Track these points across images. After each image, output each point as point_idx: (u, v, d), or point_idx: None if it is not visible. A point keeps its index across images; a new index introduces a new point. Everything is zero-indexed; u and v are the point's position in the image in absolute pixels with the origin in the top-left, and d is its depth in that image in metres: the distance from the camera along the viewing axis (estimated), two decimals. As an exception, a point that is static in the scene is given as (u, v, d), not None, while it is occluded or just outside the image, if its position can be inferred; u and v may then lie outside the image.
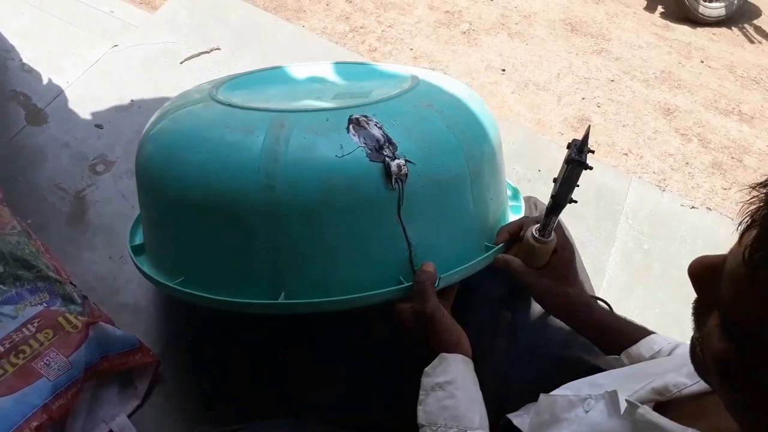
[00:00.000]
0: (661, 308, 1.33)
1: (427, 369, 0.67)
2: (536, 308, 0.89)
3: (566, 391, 0.65)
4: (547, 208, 0.72)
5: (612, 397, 0.57)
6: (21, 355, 0.78)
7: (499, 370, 0.82)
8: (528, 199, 1.01)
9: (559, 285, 0.75)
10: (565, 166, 0.68)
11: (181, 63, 1.50)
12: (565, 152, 0.70)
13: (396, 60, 1.75)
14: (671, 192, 1.60)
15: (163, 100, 1.39)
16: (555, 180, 0.70)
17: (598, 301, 0.91)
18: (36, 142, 1.28)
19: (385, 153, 0.68)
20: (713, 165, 1.74)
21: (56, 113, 1.34)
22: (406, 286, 0.70)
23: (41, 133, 1.30)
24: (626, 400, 0.53)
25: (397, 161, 0.68)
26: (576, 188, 0.70)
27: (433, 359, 0.68)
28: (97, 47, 1.48)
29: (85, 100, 1.37)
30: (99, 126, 1.33)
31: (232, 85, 0.91)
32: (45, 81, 1.39)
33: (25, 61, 1.41)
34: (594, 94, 1.82)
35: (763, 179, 0.38)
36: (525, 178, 1.47)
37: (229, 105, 0.77)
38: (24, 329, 0.81)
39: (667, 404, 0.57)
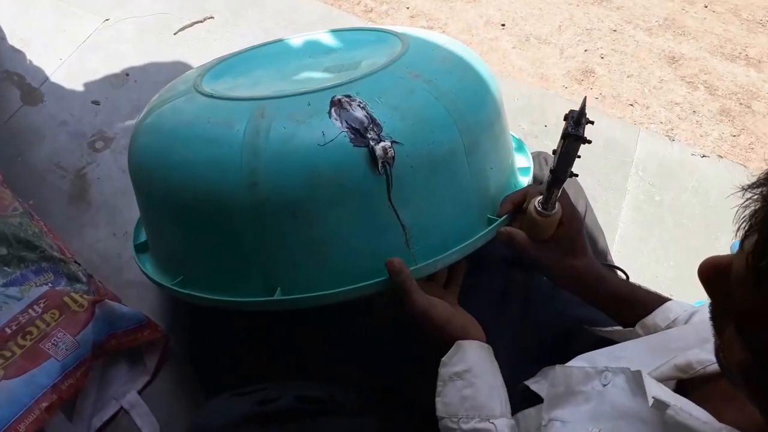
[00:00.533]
0: (675, 261, 1.32)
1: (443, 359, 0.64)
2: None
3: (582, 362, 0.63)
4: (547, 181, 0.68)
5: (636, 377, 0.54)
6: (28, 337, 0.78)
7: (514, 334, 0.81)
8: (537, 156, 0.98)
9: (566, 258, 0.72)
10: (562, 141, 0.65)
11: (174, 34, 1.47)
12: (569, 106, 0.67)
13: (393, 20, 1.71)
14: (680, 142, 1.57)
15: (159, 72, 1.38)
16: (554, 152, 0.67)
17: (613, 270, 0.88)
18: (33, 121, 1.27)
19: (370, 136, 0.65)
20: (721, 112, 1.70)
21: (52, 91, 1.32)
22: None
23: (38, 113, 1.28)
24: (654, 398, 0.50)
25: (382, 144, 0.64)
26: (577, 159, 0.66)
27: (447, 348, 0.66)
28: (88, 22, 1.45)
29: (80, 76, 1.35)
30: (96, 102, 1.31)
31: (219, 70, 0.89)
32: (38, 59, 1.37)
33: (15, 40, 1.39)
34: (597, 45, 1.77)
35: (755, 179, 0.35)
36: (531, 134, 1.44)
37: (212, 96, 0.75)
38: (30, 310, 0.81)
39: (691, 381, 0.54)
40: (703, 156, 1.54)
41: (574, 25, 1.84)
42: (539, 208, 0.70)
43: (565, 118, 0.64)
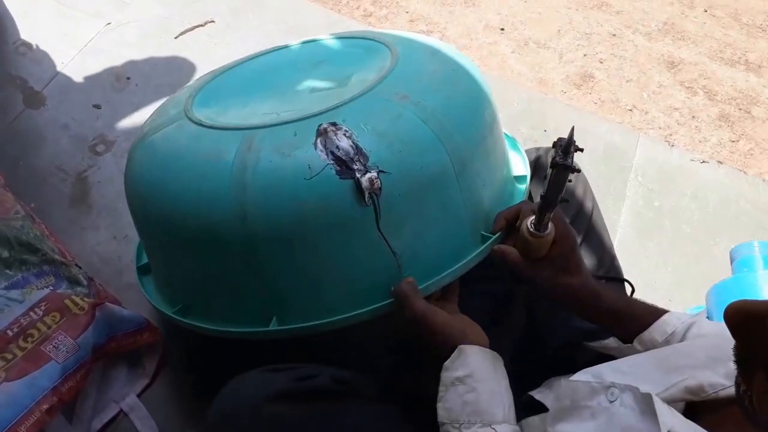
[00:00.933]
0: (674, 266, 1.32)
1: (446, 363, 0.64)
2: None
3: (587, 375, 0.62)
4: (539, 205, 0.68)
5: (646, 400, 0.53)
6: (29, 339, 0.79)
7: (517, 343, 0.81)
8: (548, 151, 0.97)
9: (560, 275, 0.71)
10: (551, 169, 0.64)
11: (175, 38, 1.48)
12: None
13: (392, 24, 1.72)
14: (679, 147, 1.58)
15: (160, 75, 1.39)
16: (545, 177, 0.66)
17: (614, 283, 0.88)
18: (35, 125, 1.28)
19: (356, 167, 0.65)
20: (720, 117, 1.70)
21: (54, 95, 1.33)
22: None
23: (40, 116, 1.29)
24: (669, 431, 0.49)
25: (368, 175, 0.65)
26: (576, 166, 0.65)
27: (447, 353, 0.65)
28: (90, 26, 1.46)
29: (82, 80, 1.36)
30: (97, 106, 1.32)
31: (209, 90, 0.89)
32: (40, 63, 1.38)
33: (19, 43, 1.40)
34: (596, 50, 1.78)
35: None
36: (531, 139, 1.45)
37: (200, 125, 0.76)
38: (31, 313, 0.82)
39: (702, 404, 0.54)
40: (703, 162, 1.55)
41: (573, 29, 1.84)
42: (531, 229, 0.70)
43: (554, 145, 0.63)
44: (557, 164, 0.63)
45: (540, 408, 0.65)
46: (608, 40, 1.85)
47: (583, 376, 0.63)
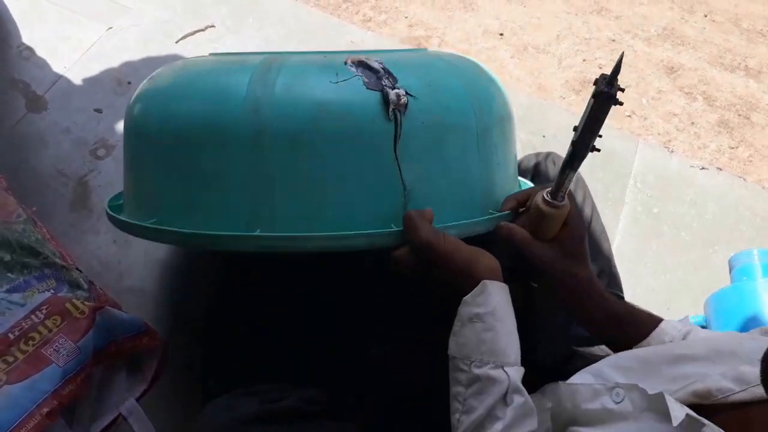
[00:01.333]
0: (672, 273, 1.33)
1: (466, 298, 0.60)
2: None
3: (587, 376, 0.61)
4: (564, 161, 0.63)
5: (657, 400, 0.52)
6: (30, 342, 0.80)
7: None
8: (546, 157, 0.97)
9: (567, 262, 0.67)
10: (592, 101, 0.58)
11: (176, 42, 1.49)
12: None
13: (391, 29, 1.72)
14: (678, 153, 1.58)
15: (160, 81, 1.40)
16: (575, 128, 0.62)
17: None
18: (37, 128, 1.28)
19: (384, 83, 0.64)
20: (720, 123, 1.71)
21: (56, 99, 1.34)
22: (398, 230, 0.64)
23: (42, 120, 1.30)
24: (687, 414, 0.48)
25: (396, 90, 0.63)
26: (598, 138, 0.61)
27: (449, 292, 0.62)
28: (92, 30, 1.47)
29: (84, 84, 1.37)
30: (98, 110, 1.33)
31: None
32: (43, 67, 1.39)
33: (22, 48, 1.41)
34: (595, 55, 1.79)
35: None
36: (530, 145, 1.46)
37: (225, 54, 0.76)
38: (33, 316, 0.82)
39: (709, 407, 0.53)
40: (702, 168, 1.55)
41: (572, 34, 1.85)
42: (548, 198, 0.66)
43: (596, 82, 0.58)
44: (601, 93, 0.57)
45: None
46: (607, 46, 1.86)
47: (582, 377, 0.62)
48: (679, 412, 0.50)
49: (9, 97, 1.32)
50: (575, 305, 0.69)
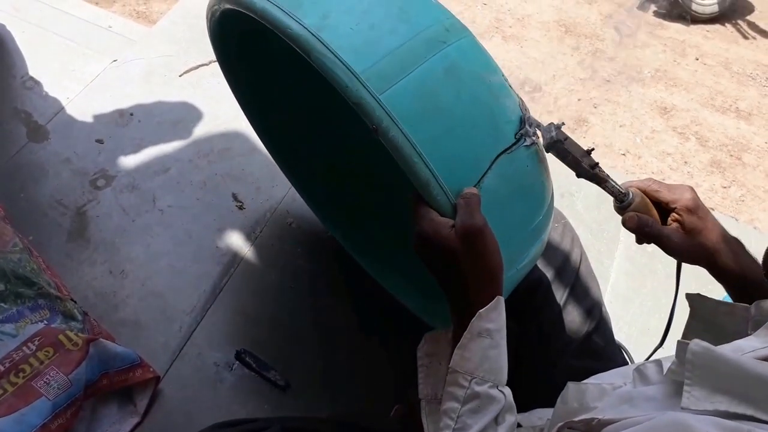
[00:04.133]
0: (666, 311, 1.32)
1: (481, 311, 0.58)
2: (547, 315, 0.87)
3: (596, 380, 0.61)
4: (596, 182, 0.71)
5: (656, 365, 0.52)
6: (21, 374, 0.79)
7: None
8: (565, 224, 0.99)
9: (690, 238, 0.72)
10: (554, 154, 0.67)
11: (180, 76, 1.51)
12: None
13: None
14: (670, 191, 1.60)
15: (163, 112, 1.41)
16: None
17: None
18: (37, 158, 1.29)
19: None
20: (712, 163, 1.73)
21: (57, 129, 1.35)
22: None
23: (42, 150, 1.31)
24: (678, 341, 0.47)
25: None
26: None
27: (467, 292, 0.60)
28: (96, 62, 1.49)
29: (86, 115, 1.39)
30: (99, 141, 1.34)
31: None
32: (46, 97, 1.41)
33: (26, 78, 1.43)
34: (590, 95, 1.82)
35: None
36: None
37: None
38: (24, 348, 0.82)
39: None
40: (694, 206, 1.57)
41: (568, 74, 1.89)
42: (618, 205, 0.74)
43: (546, 144, 0.67)
44: (552, 144, 0.66)
45: None
46: (602, 86, 1.89)
47: (593, 380, 0.61)
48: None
49: (11, 127, 1.33)
50: (715, 273, 0.74)
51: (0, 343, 0.83)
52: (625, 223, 0.74)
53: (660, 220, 0.75)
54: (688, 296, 0.77)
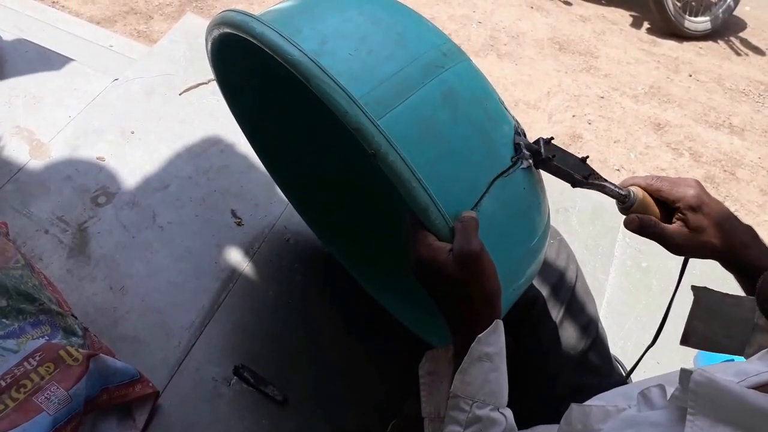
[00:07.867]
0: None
1: (481, 336, 0.58)
2: (543, 333, 0.88)
3: (600, 401, 0.61)
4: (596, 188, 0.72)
5: (660, 389, 0.52)
6: (22, 390, 0.80)
7: None
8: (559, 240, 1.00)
9: (693, 236, 0.73)
10: (546, 170, 0.68)
11: (180, 94, 1.53)
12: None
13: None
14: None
15: (163, 130, 1.43)
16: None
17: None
18: (39, 175, 1.31)
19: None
20: (706, 179, 1.75)
21: (59, 147, 1.37)
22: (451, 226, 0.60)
23: (44, 167, 1.33)
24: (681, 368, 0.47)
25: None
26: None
27: (466, 317, 0.60)
28: (98, 81, 1.52)
29: (87, 133, 1.41)
30: (101, 158, 1.36)
31: None
32: (48, 116, 1.43)
33: (29, 97, 1.45)
34: (584, 111, 1.85)
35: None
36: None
37: None
38: (25, 363, 0.83)
39: None
40: (688, 221, 1.58)
41: (562, 91, 1.91)
42: (621, 206, 0.75)
43: (531, 151, 0.66)
44: (541, 161, 0.66)
45: None
46: (596, 102, 1.92)
47: (595, 401, 0.61)
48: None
49: (13, 144, 1.35)
50: (725, 265, 0.74)
51: (1, 359, 0.84)
52: (626, 226, 0.75)
53: (665, 217, 0.75)
54: (694, 288, 0.77)
